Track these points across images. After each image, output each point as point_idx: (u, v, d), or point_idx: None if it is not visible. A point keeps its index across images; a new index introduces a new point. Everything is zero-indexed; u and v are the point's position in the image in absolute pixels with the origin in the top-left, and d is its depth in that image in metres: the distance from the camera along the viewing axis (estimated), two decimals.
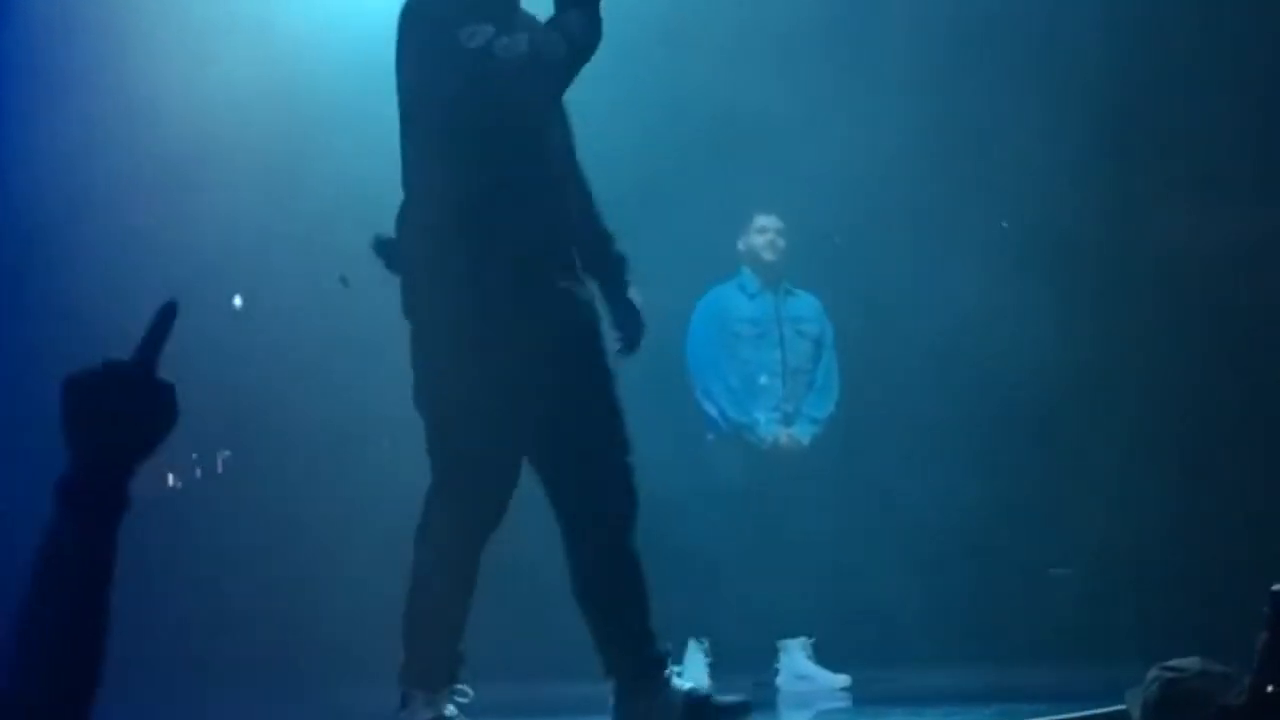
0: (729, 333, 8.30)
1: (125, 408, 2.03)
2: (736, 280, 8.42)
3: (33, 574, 2.00)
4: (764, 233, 8.30)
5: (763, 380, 8.26)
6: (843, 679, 7.80)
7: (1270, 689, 2.83)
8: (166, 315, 2.06)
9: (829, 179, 8.55)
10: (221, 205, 7.90)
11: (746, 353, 8.29)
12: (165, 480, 8.09)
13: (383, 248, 5.41)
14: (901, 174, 8.86)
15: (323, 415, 8.18)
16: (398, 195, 5.39)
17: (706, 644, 7.85)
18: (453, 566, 5.30)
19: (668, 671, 5.34)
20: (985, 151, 8.89)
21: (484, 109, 5.24)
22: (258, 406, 8.06)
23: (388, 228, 5.39)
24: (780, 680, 7.89)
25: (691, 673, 7.50)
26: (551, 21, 5.28)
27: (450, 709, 5.27)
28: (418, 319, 5.38)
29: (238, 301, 8.43)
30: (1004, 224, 9.34)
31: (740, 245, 8.37)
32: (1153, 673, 4.11)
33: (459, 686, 5.32)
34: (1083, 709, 5.83)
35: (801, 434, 8.20)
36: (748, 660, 7.86)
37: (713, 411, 8.21)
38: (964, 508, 8.70)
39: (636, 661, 5.32)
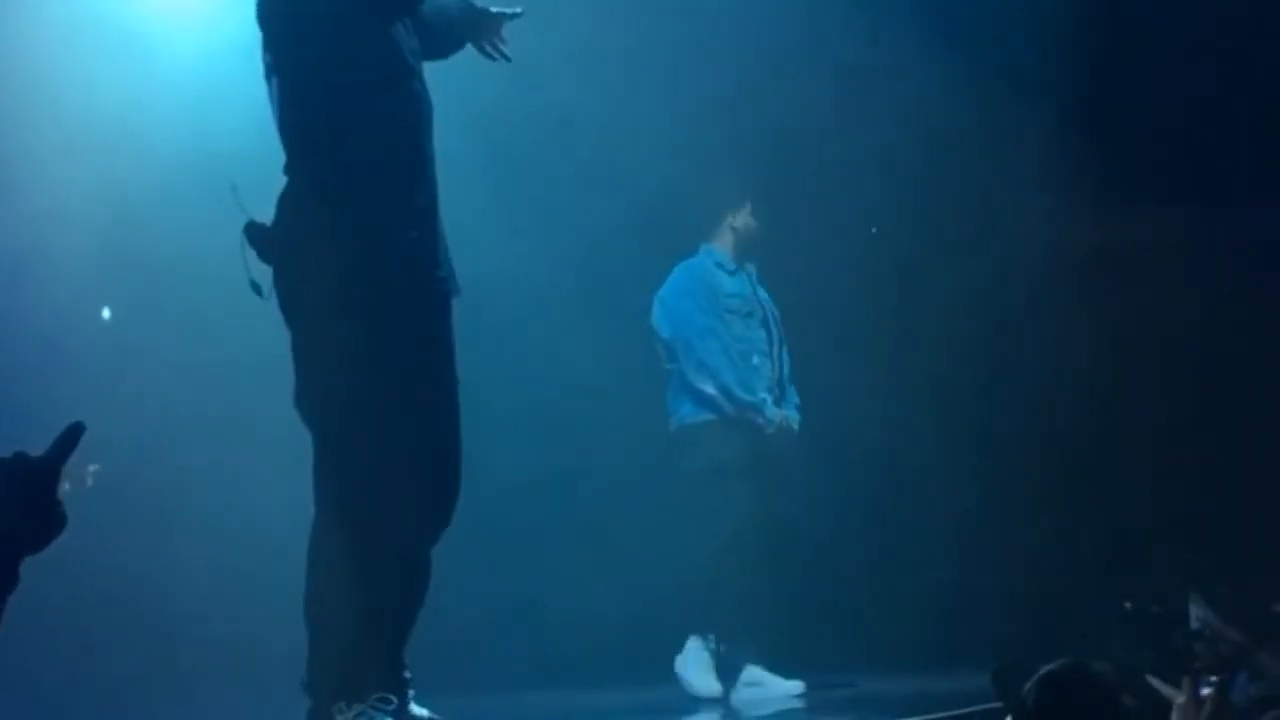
0: (721, 306, 7.63)
1: (19, 500, 2.19)
2: (709, 257, 7.75)
3: None
4: (756, 216, 7.77)
5: (755, 360, 7.63)
6: (795, 685, 7.38)
7: None
8: (75, 432, 2.28)
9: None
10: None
11: (739, 329, 7.63)
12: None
13: (256, 235, 5.09)
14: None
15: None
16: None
17: (711, 639, 7.42)
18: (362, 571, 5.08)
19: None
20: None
21: (349, 52, 5.08)
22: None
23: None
24: (732, 691, 7.39)
25: (696, 670, 7.38)
26: None
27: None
28: (301, 318, 5.11)
29: (106, 313, 8.28)
30: (873, 230, 9.37)
31: (734, 223, 7.75)
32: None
33: (383, 694, 5.07)
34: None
35: (792, 419, 7.65)
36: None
37: (710, 390, 7.50)
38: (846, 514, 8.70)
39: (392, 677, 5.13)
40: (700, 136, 8.28)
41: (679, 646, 7.55)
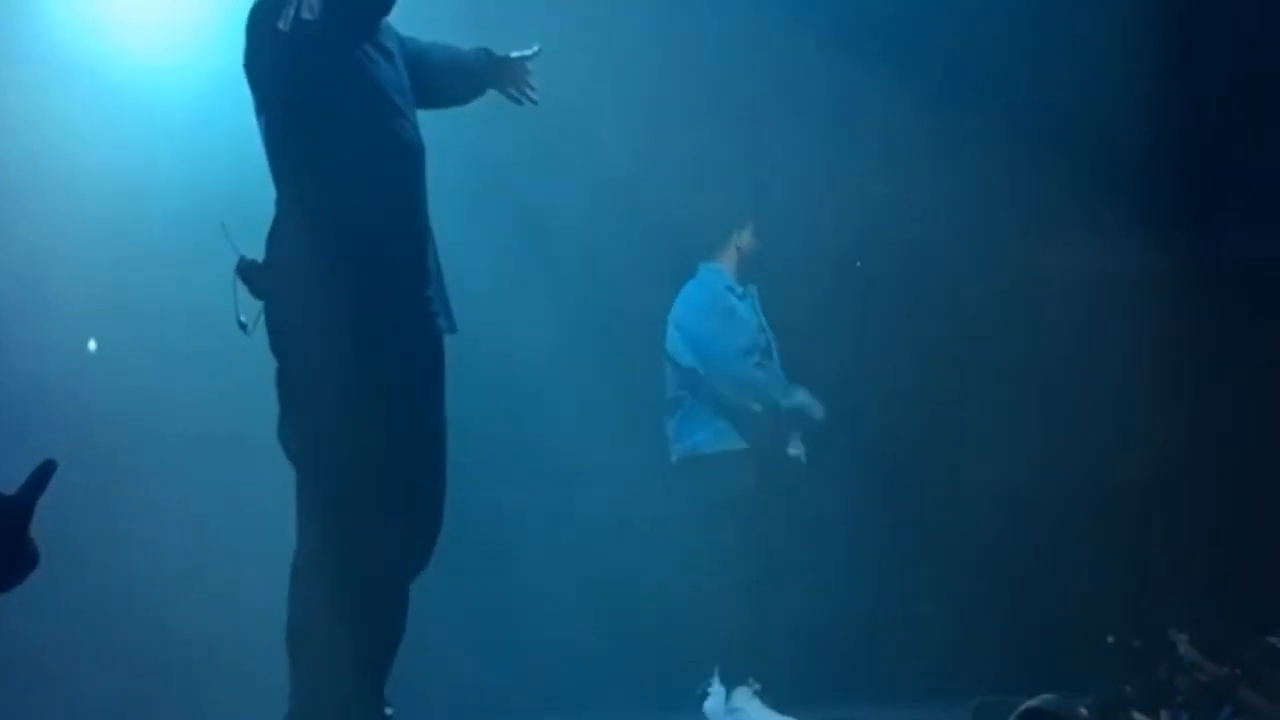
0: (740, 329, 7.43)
1: None
2: (718, 278, 7.56)
3: None
4: (760, 238, 7.63)
5: None
6: None
7: None
8: (46, 471, 2.27)
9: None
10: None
11: (756, 356, 7.44)
12: None
13: (248, 272, 5.02)
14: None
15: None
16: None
17: (753, 682, 7.19)
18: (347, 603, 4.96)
19: None
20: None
21: (326, 87, 4.99)
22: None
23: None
24: (708, 706, 7.22)
25: (760, 713, 7.12)
26: None
27: None
28: (287, 352, 5.03)
29: (92, 345, 8.32)
30: (857, 263, 9.40)
31: (740, 243, 7.57)
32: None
33: None
34: None
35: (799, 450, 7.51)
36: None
37: (756, 407, 7.25)
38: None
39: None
40: (704, 155, 8.26)
41: (678, 675, 7.47)
